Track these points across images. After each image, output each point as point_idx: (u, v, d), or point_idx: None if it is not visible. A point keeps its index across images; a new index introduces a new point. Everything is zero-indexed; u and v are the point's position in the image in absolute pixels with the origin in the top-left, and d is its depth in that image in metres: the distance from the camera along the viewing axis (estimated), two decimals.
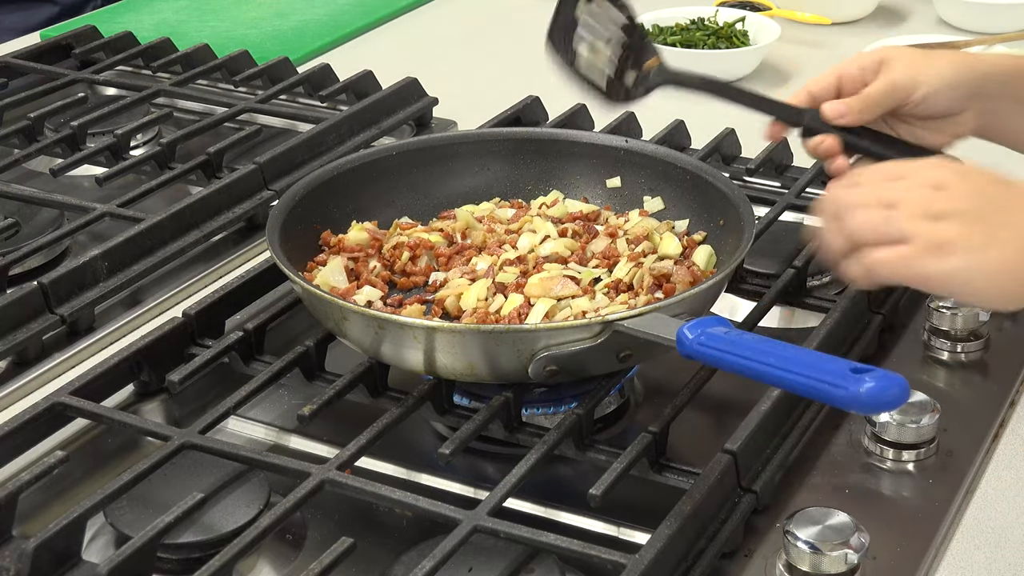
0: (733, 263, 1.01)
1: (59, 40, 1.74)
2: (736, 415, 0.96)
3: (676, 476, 0.93)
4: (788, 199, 1.25)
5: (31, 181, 1.42)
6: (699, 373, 0.99)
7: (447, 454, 0.91)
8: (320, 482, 0.89)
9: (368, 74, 1.58)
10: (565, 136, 1.22)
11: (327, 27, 1.87)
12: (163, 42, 1.71)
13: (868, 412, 0.96)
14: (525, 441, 0.96)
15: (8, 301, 1.11)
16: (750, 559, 0.89)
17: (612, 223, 1.14)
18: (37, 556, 0.84)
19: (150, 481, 0.91)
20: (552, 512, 0.95)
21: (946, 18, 1.84)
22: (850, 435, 1.00)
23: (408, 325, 0.94)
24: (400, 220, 1.16)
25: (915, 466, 0.97)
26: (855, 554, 0.85)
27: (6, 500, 0.89)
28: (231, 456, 0.94)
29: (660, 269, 1.06)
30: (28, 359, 1.11)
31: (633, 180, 1.18)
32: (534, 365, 0.93)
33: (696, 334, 0.88)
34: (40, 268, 1.22)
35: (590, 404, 0.96)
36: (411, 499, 0.88)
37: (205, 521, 0.90)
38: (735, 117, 1.41)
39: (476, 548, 0.85)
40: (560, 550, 0.84)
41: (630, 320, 0.93)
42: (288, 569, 0.91)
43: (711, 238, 1.12)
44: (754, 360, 0.84)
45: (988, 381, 1.07)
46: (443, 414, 1.00)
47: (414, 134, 1.51)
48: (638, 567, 0.80)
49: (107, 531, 0.91)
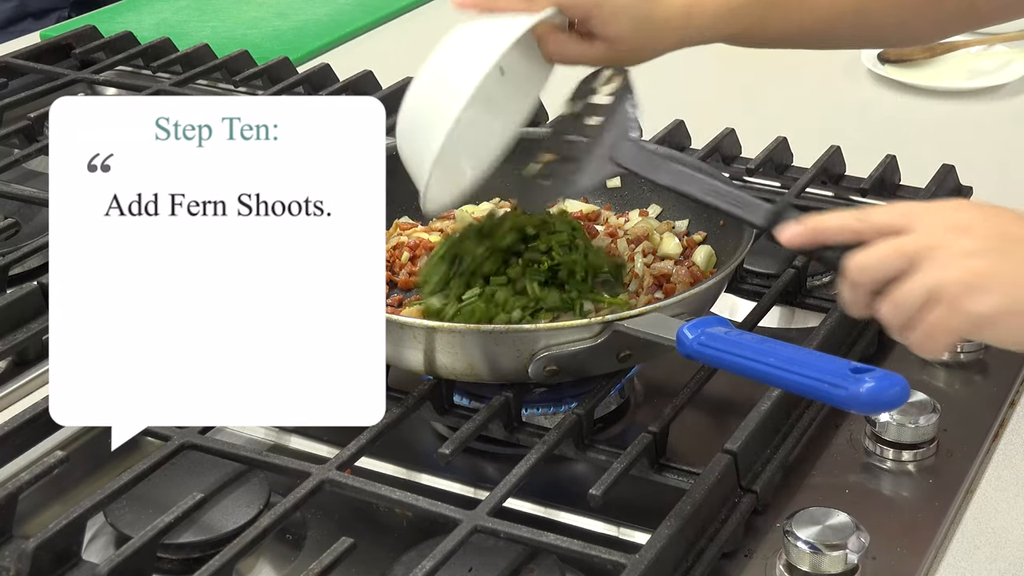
0: (733, 263, 1.00)
1: (59, 40, 1.74)
2: (736, 415, 0.96)
3: (676, 476, 0.93)
4: (788, 199, 1.25)
5: (31, 181, 1.42)
6: (699, 373, 0.99)
7: (447, 454, 0.91)
8: (320, 482, 0.89)
9: (368, 74, 1.58)
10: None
11: (327, 27, 1.87)
12: (163, 42, 1.72)
13: (868, 412, 0.96)
14: (525, 441, 0.96)
15: (8, 301, 1.11)
16: (750, 559, 0.89)
17: (612, 223, 1.14)
18: (37, 556, 0.84)
19: (150, 481, 0.91)
20: (552, 512, 0.95)
21: None
22: (850, 435, 1.00)
23: (408, 325, 0.94)
24: (400, 220, 1.16)
25: (915, 466, 0.97)
26: (855, 554, 0.85)
27: (6, 500, 0.89)
28: (231, 456, 0.94)
29: (660, 269, 1.07)
30: (28, 359, 1.11)
31: (633, 180, 1.18)
32: (534, 365, 0.93)
33: (696, 334, 0.88)
34: (40, 268, 1.22)
35: (590, 404, 0.96)
36: (411, 499, 0.88)
37: (205, 521, 0.90)
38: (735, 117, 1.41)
39: (476, 548, 0.85)
40: (560, 550, 0.84)
41: (630, 320, 0.93)
42: (288, 569, 0.91)
43: (711, 238, 1.12)
44: (754, 360, 0.84)
45: (988, 381, 1.07)
46: (443, 414, 1.00)
47: None
48: (638, 567, 0.80)
49: (107, 531, 0.91)
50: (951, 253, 0.80)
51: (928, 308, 0.79)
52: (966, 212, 0.83)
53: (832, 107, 1.62)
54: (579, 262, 1.01)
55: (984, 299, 0.78)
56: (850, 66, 1.69)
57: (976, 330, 0.80)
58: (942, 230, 0.81)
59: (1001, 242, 0.81)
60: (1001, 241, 0.81)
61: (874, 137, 1.46)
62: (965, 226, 0.81)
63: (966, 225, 0.81)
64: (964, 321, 0.79)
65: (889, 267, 0.81)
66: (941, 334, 0.80)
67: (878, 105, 1.61)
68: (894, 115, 1.58)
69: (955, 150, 1.42)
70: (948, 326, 0.79)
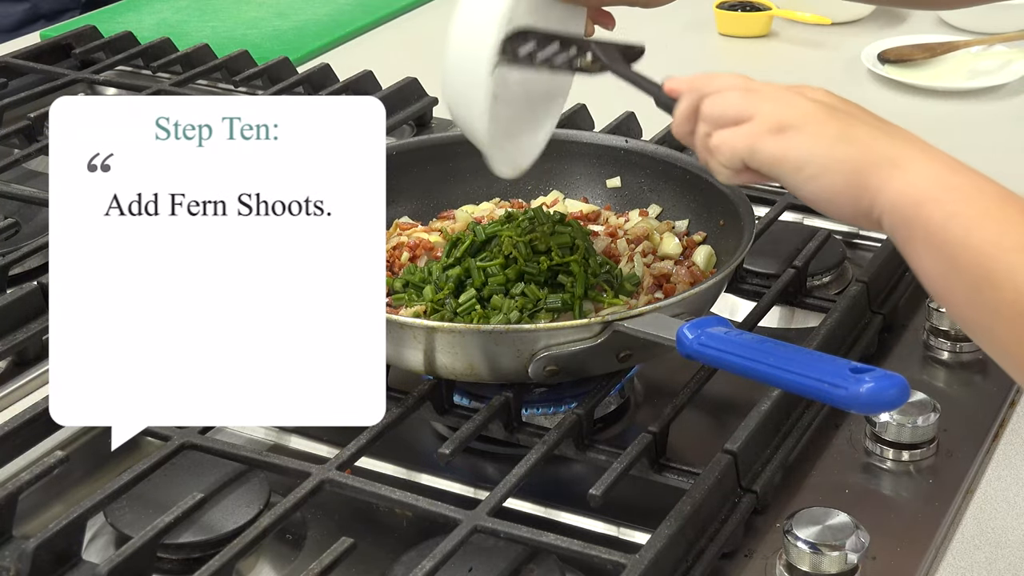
0: (733, 263, 1.00)
1: (59, 40, 1.74)
2: (736, 415, 0.96)
3: (676, 476, 0.93)
4: (788, 199, 1.25)
5: (31, 181, 1.42)
6: (699, 373, 0.99)
7: (447, 454, 0.91)
8: (320, 482, 0.89)
9: (368, 74, 1.58)
10: (565, 136, 1.22)
11: (327, 27, 1.87)
12: (163, 42, 1.71)
13: (868, 412, 0.96)
14: (525, 441, 0.96)
15: (8, 301, 1.11)
16: (750, 559, 0.89)
17: (612, 223, 1.14)
18: (37, 556, 0.84)
19: (150, 481, 0.91)
20: (552, 512, 0.95)
21: (946, 18, 1.83)
22: (850, 435, 1.00)
23: (408, 325, 0.94)
24: (400, 220, 1.16)
25: (915, 466, 0.97)
26: (855, 554, 0.85)
27: (6, 500, 0.89)
28: (231, 456, 0.94)
29: (660, 269, 1.07)
30: (28, 359, 1.11)
31: (633, 180, 1.18)
32: (534, 365, 0.93)
33: (696, 334, 0.88)
34: (40, 268, 1.22)
35: (590, 404, 0.96)
36: (411, 499, 0.88)
37: (205, 521, 0.90)
38: None
39: (476, 548, 0.85)
40: (560, 550, 0.84)
41: (630, 320, 0.93)
42: (288, 569, 0.91)
43: (711, 238, 1.12)
44: (754, 360, 0.84)
45: (988, 381, 1.07)
46: (443, 414, 1.00)
47: (414, 134, 1.51)
48: (638, 567, 0.80)
49: (107, 531, 0.91)
50: (782, 100, 0.82)
51: (732, 122, 0.82)
52: (822, 90, 0.85)
53: None
54: (579, 262, 1.01)
55: (784, 137, 0.80)
56: (850, 66, 1.69)
57: (757, 162, 0.81)
58: (789, 87, 0.84)
59: (842, 106, 0.83)
60: (842, 105, 0.83)
61: None
62: (816, 92, 0.84)
63: (816, 92, 0.84)
64: (749, 147, 0.81)
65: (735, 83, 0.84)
66: (725, 152, 0.82)
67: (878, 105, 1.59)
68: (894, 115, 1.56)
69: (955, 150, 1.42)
70: (733, 147, 0.81)
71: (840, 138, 0.80)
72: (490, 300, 1.00)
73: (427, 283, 1.02)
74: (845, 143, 0.80)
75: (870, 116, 0.84)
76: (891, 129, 0.82)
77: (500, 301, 0.99)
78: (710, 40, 1.82)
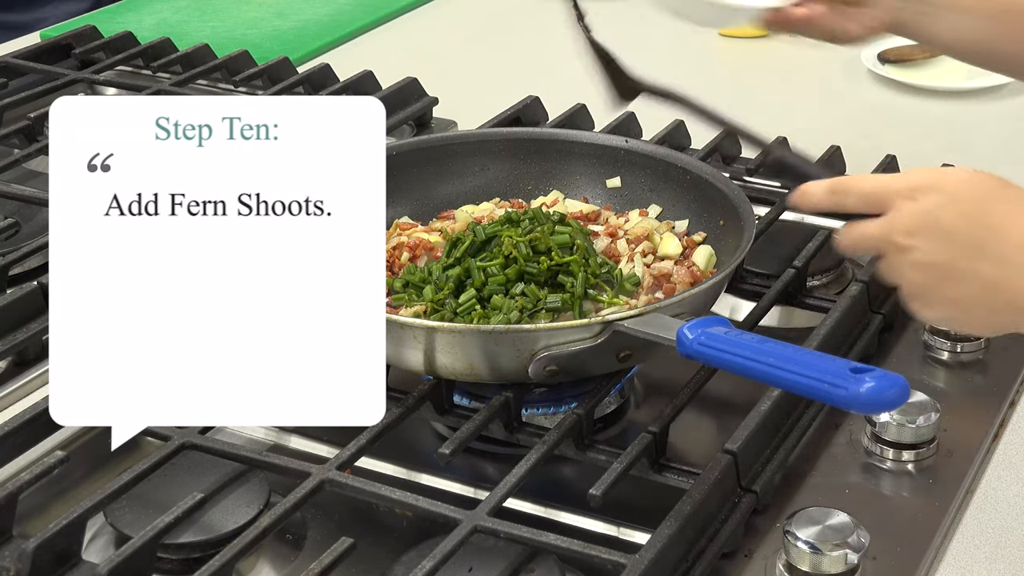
0: (733, 263, 1.00)
1: (59, 40, 1.74)
2: (736, 415, 0.96)
3: (676, 476, 0.93)
4: None
5: (31, 181, 1.42)
6: (699, 373, 0.99)
7: (447, 454, 0.91)
8: (320, 482, 0.89)
9: (368, 74, 1.58)
10: (565, 136, 1.22)
11: (327, 27, 1.87)
12: (163, 42, 1.72)
13: (868, 412, 0.96)
14: (525, 441, 0.96)
15: (8, 301, 1.11)
16: (750, 559, 0.89)
17: (612, 223, 1.14)
18: (37, 556, 0.84)
19: (150, 481, 0.91)
20: (552, 512, 0.95)
21: None
22: (850, 435, 1.00)
23: (408, 325, 0.94)
24: (400, 220, 1.16)
25: (915, 466, 0.97)
26: (855, 554, 0.85)
27: (6, 500, 0.89)
28: (231, 456, 0.94)
29: (660, 269, 1.07)
30: (28, 359, 1.11)
31: (633, 180, 1.18)
32: (534, 365, 0.93)
33: (696, 334, 0.88)
34: (40, 268, 1.22)
35: (590, 404, 0.96)
36: (411, 499, 0.88)
37: (205, 521, 0.90)
38: (735, 117, 1.41)
39: (476, 548, 0.85)
40: (560, 550, 0.84)
41: (630, 320, 0.93)
42: (288, 569, 0.91)
43: (711, 238, 1.12)
44: (754, 360, 0.84)
45: (988, 381, 1.07)
46: (443, 414, 1.00)
47: (414, 134, 1.51)
48: (638, 567, 0.80)
49: (107, 531, 0.91)
50: (903, 261, 0.85)
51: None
52: (945, 209, 0.84)
53: (832, 107, 1.62)
54: (579, 262, 1.01)
55: (931, 310, 0.86)
56: (850, 66, 1.69)
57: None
58: (912, 221, 0.84)
59: (947, 254, 0.83)
60: (947, 253, 0.83)
61: (874, 137, 1.46)
62: (933, 224, 0.84)
63: (934, 223, 0.84)
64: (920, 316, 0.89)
65: (864, 250, 0.89)
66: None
67: (878, 105, 1.61)
68: (894, 115, 1.58)
69: (955, 150, 1.42)
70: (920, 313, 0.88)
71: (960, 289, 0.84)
72: (490, 300, 1.00)
73: (427, 283, 1.03)
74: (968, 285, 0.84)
75: (978, 223, 0.85)
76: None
77: (500, 301, 0.99)
78: (710, 40, 1.82)
